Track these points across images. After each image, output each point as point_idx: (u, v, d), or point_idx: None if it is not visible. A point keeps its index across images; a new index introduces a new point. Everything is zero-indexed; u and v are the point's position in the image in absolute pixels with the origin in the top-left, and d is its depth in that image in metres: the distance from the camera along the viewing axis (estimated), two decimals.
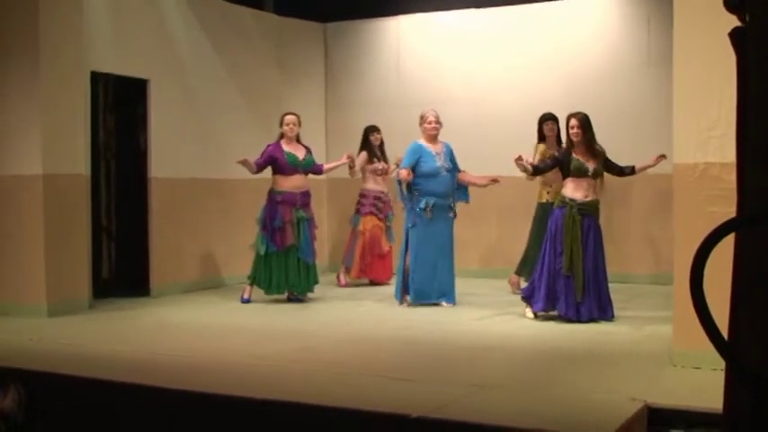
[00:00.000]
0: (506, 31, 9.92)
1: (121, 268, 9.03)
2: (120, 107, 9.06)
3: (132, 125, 8.91)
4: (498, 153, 8.85)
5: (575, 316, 6.61)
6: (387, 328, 6.68)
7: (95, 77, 8.16)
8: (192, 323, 7.09)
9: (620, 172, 7.13)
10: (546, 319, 6.79)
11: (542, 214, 7.90)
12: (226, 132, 9.39)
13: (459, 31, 10.15)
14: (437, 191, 7.60)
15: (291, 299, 8.04)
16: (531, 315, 6.86)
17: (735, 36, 1.97)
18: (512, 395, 4.43)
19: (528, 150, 8.03)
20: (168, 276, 8.64)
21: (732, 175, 2.07)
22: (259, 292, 7.98)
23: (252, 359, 5.41)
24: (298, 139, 8.08)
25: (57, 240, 7.28)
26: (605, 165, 6.97)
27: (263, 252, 7.83)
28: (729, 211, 2.09)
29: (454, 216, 7.76)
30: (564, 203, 6.79)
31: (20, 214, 7.28)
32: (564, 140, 7.38)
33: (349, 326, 6.83)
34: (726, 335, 1.84)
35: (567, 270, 6.63)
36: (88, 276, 7.76)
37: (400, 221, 8.21)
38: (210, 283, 9.11)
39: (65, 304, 7.25)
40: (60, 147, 7.35)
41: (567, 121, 6.90)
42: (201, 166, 9.09)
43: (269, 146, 8.00)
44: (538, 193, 8.31)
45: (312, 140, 8.77)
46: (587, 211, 6.78)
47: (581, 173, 6.78)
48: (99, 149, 8.76)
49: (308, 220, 8.01)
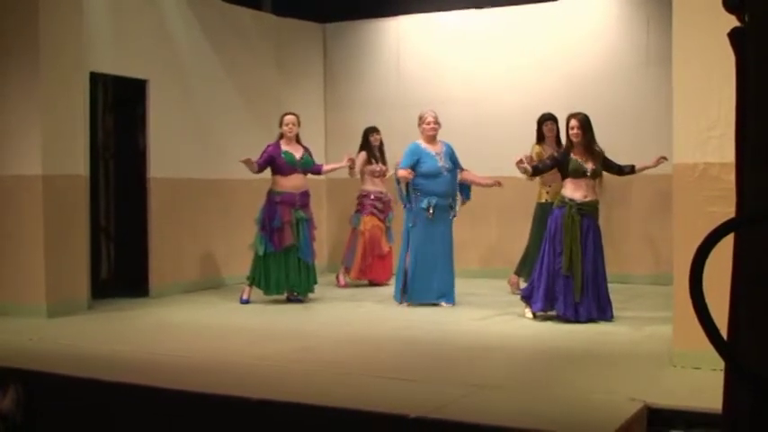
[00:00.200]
0: (506, 32, 9.92)
1: (121, 268, 9.03)
2: (120, 107, 9.07)
3: (131, 125, 8.91)
4: (498, 153, 8.86)
5: (573, 316, 6.61)
6: (386, 328, 6.68)
7: (95, 78, 8.16)
8: (192, 323, 7.09)
9: (620, 171, 7.13)
10: (545, 319, 6.79)
11: (541, 214, 7.88)
12: (225, 132, 9.38)
13: (459, 31, 10.15)
14: (438, 191, 7.60)
15: (291, 299, 8.04)
16: (530, 315, 6.87)
17: (734, 36, 1.97)
18: (511, 395, 4.43)
19: (527, 151, 8.04)
20: (167, 277, 8.64)
21: (731, 176, 2.07)
22: (258, 292, 7.97)
23: (251, 359, 5.41)
24: (297, 140, 8.09)
25: (56, 241, 7.27)
26: (604, 164, 6.97)
27: (261, 252, 7.83)
28: (729, 212, 2.09)
29: (455, 216, 7.77)
30: (563, 203, 6.79)
31: (19, 214, 7.28)
32: (563, 141, 7.38)
33: (349, 326, 6.83)
34: (725, 335, 1.84)
35: (567, 270, 6.63)
36: (87, 277, 7.76)
37: (400, 222, 8.21)
38: (210, 283, 9.10)
39: (64, 304, 7.25)
40: (60, 147, 7.35)
41: (568, 121, 6.91)
42: (201, 166, 9.09)
43: (268, 146, 8.01)
44: (537, 193, 8.32)
45: (311, 141, 8.77)
46: (587, 212, 6.78)
47: (579, 173, 6.78)
48: (98, 150, 8.76)
49: (308, 220, 8.02)
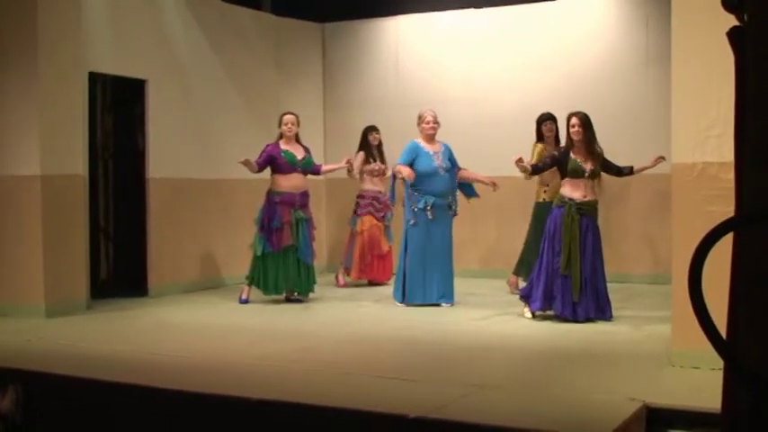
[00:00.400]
0: (505, 32, 9.92)
1: (120, 268, 9.03)
2: (119, 107, 9.06)
3: (130, 125, 8.90)
4: (497, 153, 8.85)
5: (571, 315, 6.61)
6: (386, 328, 6.68)
7: (93, 77, 8.16)
8: (191, 323, 7.09)
9: (619, 172, 7.14)
10: (544, 318, 6.79)
11: (539, 213, 7.89)
12: (224, 132, 9.38)
13: (457, 31, 10.14)
14: (436, 190, 7.60)
15: (290, 299, 8.04)
16: (529, 315, 6.87)
17: (733, 36, 1.97)
18: (510, 395, 4.43)
19: (526, 150, 8.05)
20: (167, 276, 8.63)
21: (730, 175, 2.07)
22: (258, 292, 7.97)
23: (251, 359, 5.41)
24: (297, 139, 8.08)
25: (55, 241, 7.27)
26: (604, 165, 6.98)
27: (260, 253, 7.83)
28: (728, 211, 2.09)
29: (454, 215, 7.77)
30: (563, 203, 6.79)
31: (18, 215, 7.27)
32: (563, 140, 7.38)
33: (348, 326, 6.83)
34: (724, 334, 1.84)
35: (565, 270, 6.63)
36: (86, 277, 7.75)
37: (400, 222, 8.20)
38: (209, 283, 9.10)
39: (63, 305, 7.24)
40: (58, 147, 7.35)
41: (568, 119, 6.90)
42: (200, 166, 9.08)
43: (268, 145, 8.00)
44: (535, 192, 8.31)
45: (310, 141, 8.77)
46: (586, 211, 6.78)
47: (578, 174, 6.78)
48: (97, 150, 8.76)
49: (307, 220, 8.01)
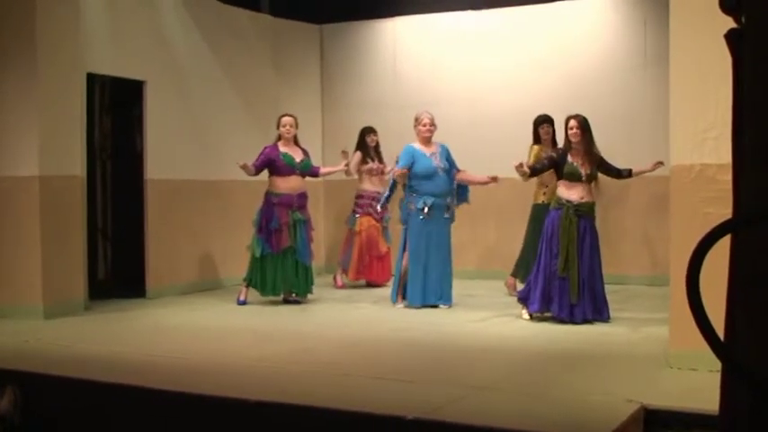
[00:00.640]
0: (503, 33, 9.92)
1: (118, 270, 9.03)
2: (117, 108, 9.07)
3: (128, 126, 8.91)
4: (495, 154, 8.85)
5: (568, 317, 6.61)
6: (384, 329, 6.68)
7: (92, 79, 8.16)
8: (189, 325, 7.08)
9: (618, 175, 7.14)
10: (542, 320, 6.79)
11: (538, 215, 7.88)
12: (222, 133, 9.38)
13: (455, 32, 10.15)
14: (434, 191, 7.60)
15: (288, 300, 8.04)
16: (527, 316, 6.87)
17: (731, 38, 1.97)
18: (508, 397, 4.43)
19: (524, 151, 8.05)
20: (164, 278, 8.63)
21: (728, 177, 2.08)
22: (255, 293, 7.96)
23: (249, 361, 5.40)
24: (295, 141, 8.08)
25: (53, 242, 7.26)
26: (603, 167, 6.98)
27: (258, 254, 7.83)
28: (725, 213, 2.09)
29: (452, 218, 7.76)
30: (560, 205, 6.79)
31: (16, 216, 7.26)
32: (560, 142, 7.37)
33: (346, 327, 6.82)
34: (722, 336, 1.84)
35: (563, 272, 6.64)
36: (84, 278, 7.75)
37: (397, 222, 8.20)
38: (207, 284, 9.09)
39: (61, 306, 7.24)
40: (57, 148, 7.34)
41: (567, 122, 6.90)
42: (198, 167, 9.08)
43: (266, 148, 8.00)
44: (534, 194, 8.31)
45: (308, 142, 8.77)
46: (583, 213, 6.78)
47: (574, 177, 6.78)
48: (95, 151, 8.76)
49: (305, 221, 8.01)
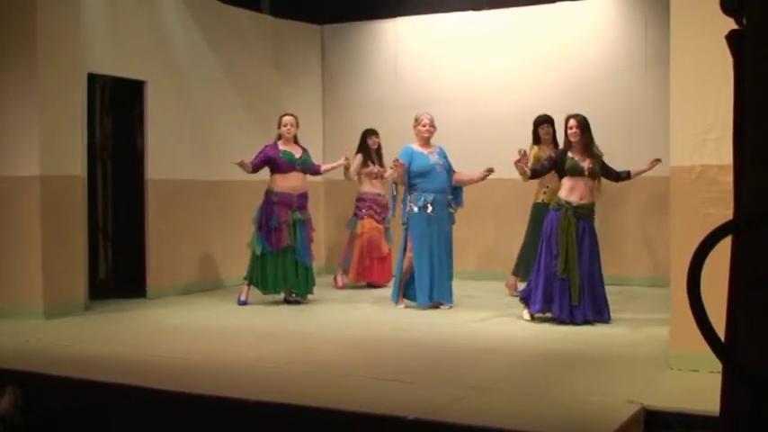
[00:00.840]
0: (504, 34, 9.92)
1: (118, 270, 9.03)
2: (117, 108, 9.07)
3: (129, 126, 8.91)
4: (495, 154, 8.82)
5: (568, 318, 6.61)
6: (385, 329, 6.68)
7: (92, 79, 8.16)
8: (190, 325, 7.08)
9: (617, 177, 7.15)
10: (543, 321, 6.79)
11: (537, 214, 7.90)
12: (223, 133, 9.38)
13: (456, 32, 10.15)
14: (434, 187, 7.59)
15: (289, 301, 8.04)
16: (527, 317, 6.87)
17: (732, 39, 1.97)
18: (509, 397, 4.43)
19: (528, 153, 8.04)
20: (165, 278, 8.63)
21: (729, 178, 2.08)
22: (256, 294, 7.97)
23: (249, 361, 5.40)
24: (295, 141, 8.08)
25: (53, 241, 7.26)
26: (603, 169, 6.98)
27: (258, 252, 7.83)
28: (726, 214, 2.09)
29: (452, 219, 7.75)
30: (559, 206, 6.79)
31: (16, 215, 7.26)
32: (561, 143, 7.37)
33: (347, 328, 6.83)
34: (723, 337, 1.84)
35: (563, 273, 6.63)
36: (85, 278, 7.75)
37: (399, 223, 8.19)
38: (208, 284, 9.09)
39: (61, 306, 7.24)
40: (57, 148, 7.35)
41: (566, 121, 6.91)
42: (199, 167, 9.08)
43: (266, 146, 8.01)
44: (534, 193, 8.30)
45: (309, 142, 8.77)
46: (582, 214, 6.77)
47: (576, 171, 6.77)
48: (96, 151, 8.76)
49: (304, 221, 8.00)
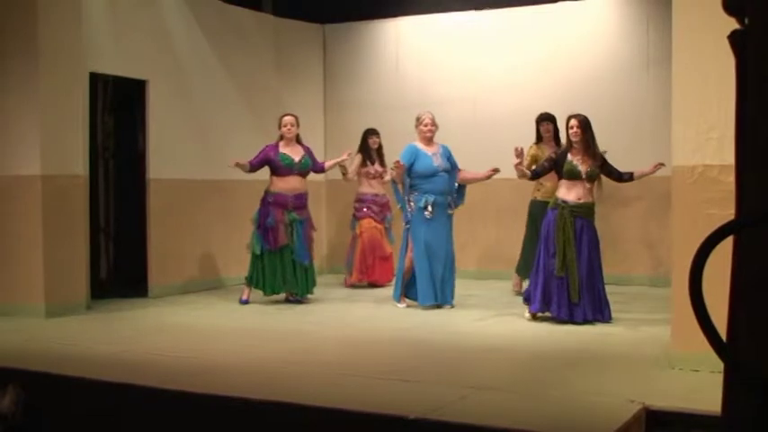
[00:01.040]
0: (505, 33, 9.92)
1: (120, 269, 9.03)
2: (119, 108, 9.06)
3: (131, 126, 8.90)
4: (497, 154, 8.82)
5: (567, 317, 6.61)
6: (386, 329, 6.68)
7: (94, 78, 8.16)
8: (191, 324, 7.08)
9: (620, 178, 7.13)
10: (543, 320, 6.79)
11: (533, 211, 7.97)
12: (224, 133, 9.38)
13: (458, 32, 10.15)
14: (436, 189, 7.59)
15: (290, 300, 8.04)
16: (528, 316, 6.87)
17: (734, 39, 1.97)
18: (509, 397, 4.43)
19: (525, 151, 8.03)
20: (167, 277, 8.63)
21: (731, 177, 2.08)
22: (258, 293, 7.97)
23: (250, 360, 5.41)
24: (297, 140, 8.08)
25: (55, 241, 7.27)
26: (605, 169, 6.98)
27: (258, 251, 7.84)
28: (728, 214, 2.10)
29: (451, 220, 7.75)
30: (556, 205, 6.80)
31: (18, 215, 7.27)
32: (563, 141, 7.38)
33: (348, 327, 6.83)
34: (724, 337, 1.84)
35: (560, 272, 6.63)
36: (86, 277, 7.76)
37: (400, 223, 8.19)
38: (209, 284, 9.10)
39: (63, 305, 7.25)
40: (59, 147, 7.35)
41: (567, 121, 6.91)
42: (200, 166, 9.08)
43: (266, 147, 8.00)
44: (531, 191, 8.30)
45: (310, 142, 8.76)
46: (580, 213, 6.77)
47: (573, 175, 6.78)
48: (97, 150, 8.76)
49: (302, 221, 7.97)
